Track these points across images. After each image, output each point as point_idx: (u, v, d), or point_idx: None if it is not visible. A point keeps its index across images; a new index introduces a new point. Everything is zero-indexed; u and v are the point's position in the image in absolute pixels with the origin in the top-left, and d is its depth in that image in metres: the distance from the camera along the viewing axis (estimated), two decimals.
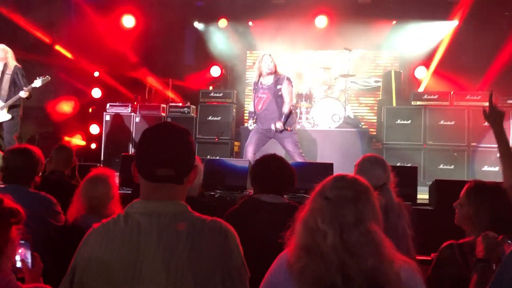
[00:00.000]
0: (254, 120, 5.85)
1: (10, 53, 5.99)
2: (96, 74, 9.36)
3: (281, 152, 6.14)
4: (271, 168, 2.73)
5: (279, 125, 5.56)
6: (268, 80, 5.69)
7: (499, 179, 2.24)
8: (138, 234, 1.39)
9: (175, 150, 1.47)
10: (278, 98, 5.65)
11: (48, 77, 5.97)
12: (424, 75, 9.18)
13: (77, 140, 8.85)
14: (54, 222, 2.79)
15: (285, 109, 5.63)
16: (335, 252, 1.46)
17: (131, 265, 1.36)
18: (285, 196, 2.78)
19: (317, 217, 1.53)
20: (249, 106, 6.50)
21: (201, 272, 1.37)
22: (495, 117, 2.32)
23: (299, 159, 5.56)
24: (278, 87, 5.64)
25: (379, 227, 1.54)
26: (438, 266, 2.23)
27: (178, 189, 1.48)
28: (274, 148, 6.28)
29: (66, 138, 8.56)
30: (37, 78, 5.93)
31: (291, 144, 5.68)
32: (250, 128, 5.97)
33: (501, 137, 2.26)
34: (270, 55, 5.77)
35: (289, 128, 5.65)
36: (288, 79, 5.72)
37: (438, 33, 9.42)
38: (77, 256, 1.45)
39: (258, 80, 5.79)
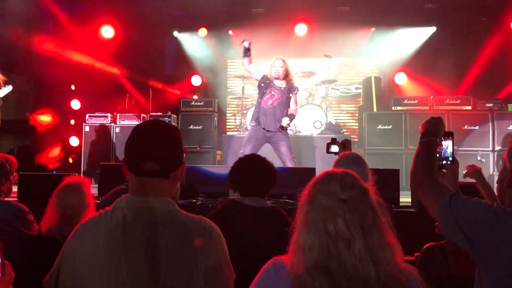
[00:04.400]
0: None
1: None
2: (73, 87, 9.24)
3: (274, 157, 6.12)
4: (251, 168, 2.64)
5: (286, 121, 5.55)
6: (281, 84, 5.72)
7: None
8: (123, 228, 1.40)
9: (162, 145, 1.49)
10: (286, 103, 5.70)
11: (10, 87, 5.89)
12: (403, 80, 9.26)
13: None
14: (27, 231, 2.69)
15: (294, 113, 5.74)
16: (358, 260, 1.29)
17: (115, 258, 1.37)
18: (268, 201, 2.71)
19: (336, 224, 1.31)
20: (231, 114, 6.41)
21: (184, 268, 1.37)
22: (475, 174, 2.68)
23: (290, 164, 5.55)
24: (290, 95, 5.70)
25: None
26: (421, 269, 2.21)
27: (166, 185, 1.49)
28: (267, 154, 6.22)
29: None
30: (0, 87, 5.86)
31: (286, 148, 5.65)
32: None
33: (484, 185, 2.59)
34: (283, 60, 5.74)
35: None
36: (298, 90, 5.83)
37: (416, 39, 9.54)
38: (64, 249, 1.46)
39: (270, 77, 5.74)
